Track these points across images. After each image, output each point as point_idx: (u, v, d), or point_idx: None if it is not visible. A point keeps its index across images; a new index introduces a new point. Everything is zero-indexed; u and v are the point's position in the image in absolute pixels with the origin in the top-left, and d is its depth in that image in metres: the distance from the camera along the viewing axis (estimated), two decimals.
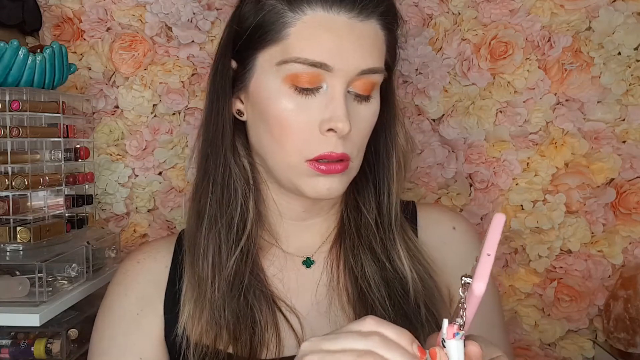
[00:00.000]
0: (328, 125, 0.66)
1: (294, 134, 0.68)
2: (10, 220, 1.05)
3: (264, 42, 0.70)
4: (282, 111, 0.68)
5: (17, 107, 1.05)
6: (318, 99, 0.68)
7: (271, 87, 0.69)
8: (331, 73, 0.67)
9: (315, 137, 0.68)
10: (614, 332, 1.22)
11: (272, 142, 0.70)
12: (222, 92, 0.75)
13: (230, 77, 0.75)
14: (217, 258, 0.74)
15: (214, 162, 0.75)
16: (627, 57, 1.26)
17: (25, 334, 1.05)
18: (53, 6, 1.33)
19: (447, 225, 0.82)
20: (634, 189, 1.27)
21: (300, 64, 0.67)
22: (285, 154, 0.70)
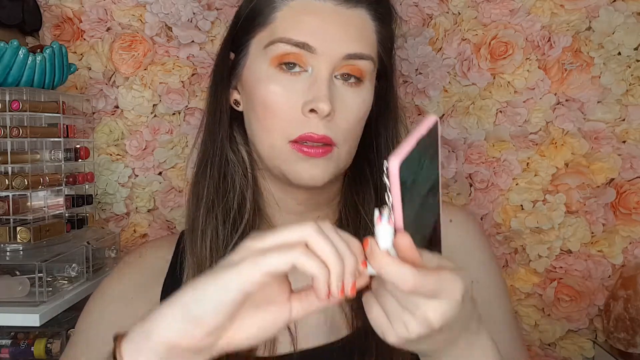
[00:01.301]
0: (309, 106, 0.66)
1: (277, 115, 0.68)
2: (10, 220, 1.05)
3: (255, 28, 0.72)
4: (267, 93, 0.69)
5: (17, 107, 1.05)
6: (302, 82, 0.68)
7: (259, 71, 0.70)
8: (315, 55, 0.67)
9: (298, 118, 0.68)
10: (614, 332, 1.22)
11: (259, 126, 0.71)
12: (220, 83, 0.76)
13: (228, 68, 0.76)
14: (215, 242, 0.74)
15: (212, 150, 0.76)
16: (627, 57, 1.26)
17: (25, 334, 1.05)
18: (53, 6, 1.33)
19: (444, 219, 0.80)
20: (634, 189, 1.27)
21: (284, 43, 0.68)
22: (269, 135, 0.70)
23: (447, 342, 0.52)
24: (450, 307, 0.48)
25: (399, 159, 0.45)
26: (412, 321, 0.48)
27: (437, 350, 0.53)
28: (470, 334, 0.54)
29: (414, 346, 0.52)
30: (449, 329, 0.50)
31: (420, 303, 0.48)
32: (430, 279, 0.47)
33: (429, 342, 0.51)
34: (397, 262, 0.47)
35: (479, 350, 0.55)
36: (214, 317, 0.47)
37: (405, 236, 0.47)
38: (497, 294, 0.77)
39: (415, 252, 0.48)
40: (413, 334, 0.48)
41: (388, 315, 0.50)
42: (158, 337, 0.49)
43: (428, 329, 0.48)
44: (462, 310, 0.49)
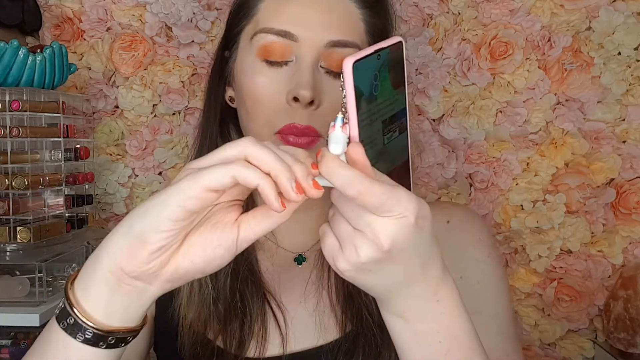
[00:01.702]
0: (292, 94, 0.66)
1: (263, 105, 0.68)
2: (10, 220, 1.05)
3: (242, 21, 0.72)
4: (254, 85, 0.69)
5: (17, 107, 1.05)
6: (287, 71, 0.68)
7: (246, 63, 0.71)
8: (298, 43, 0.67)
9: (282, 108, 0.67)
10: (614, 332, 1.22)
11: (248, 118, 0.71)
12: (215, 80, 0.77)
13: (222, 66, 0.77)
14: None
15: (207, 148, 0.76)
16: (627, 57, 1.26)
17: (25, 334, 1.05)
18: (53, 6, 1.33)
19: (441, 221, 0.77)
20: (634, 189, 1.27)
21: (266, 33, 0.68)
22: (256, 127, 0.70)
23: (401, 280, 0.49)
24: (401, 227, 0.45)
25: (353, 59, 0.45)
26: (361, 241, 0.46)
27: (391, 290, 0.50)
28: (431, 279, 0.50)
29: (366, 279, 0.49)
30: (401, 257, 0.47)
31: (371, 221, 0.45)
32: (379, 189, 0.45)
33: (380, 273, 0.48)
34: (345, 166, 0.45)
35: (442, 304, 0.51)
36: (155, 234, 0.46)
37: (358, 146, 0.46)
38: (488, 289, 0.74)
39: (368, 164, 0.46)
40: (362, 256, 0.46)
41: (340, 240, 0.48)
42: (106, 262, 0.48)
43: (377, 249, 0.46)
44: (416, 237, 0.46)
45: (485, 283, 0.74)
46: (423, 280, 0.50)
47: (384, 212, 0.45)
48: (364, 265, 0.47)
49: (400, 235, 0.46)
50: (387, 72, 0.49)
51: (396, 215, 0.45)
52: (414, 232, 0.46)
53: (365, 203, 0.45)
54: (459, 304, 0.52)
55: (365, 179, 0.44)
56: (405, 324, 0.52)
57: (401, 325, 0.52)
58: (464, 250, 0.75)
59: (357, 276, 0.48)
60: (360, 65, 0.45)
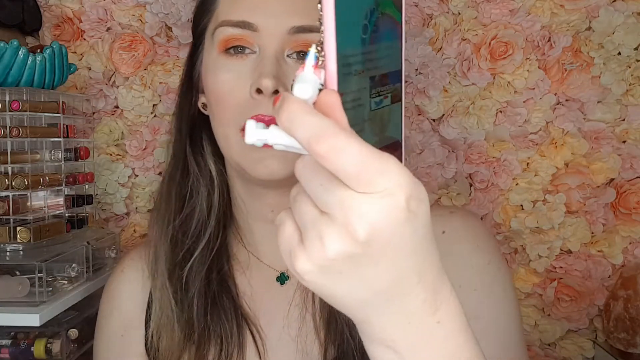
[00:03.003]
0: (255, 86, 0.61)
1: (227, 102, 0.64)
2: (10, 220, 1.05)
3: (204, 19, 0.69)
4: (216, 82, 0.65)
5: (17, 107, 1.05)
6: (250, 64, 0.63)
7: (209, 61, 0.67)
8: (259, 33, 0.63)
9: (246, 102, 0.62)
10: (614, 332, 1.22)
11: (215, 120, 0.66)
12: (185, 86, 0.73)
13: (191, 72, 0.73)
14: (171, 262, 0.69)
15: (175, 160, 0.72)
16: (627, 57, 1.26)
17: (25, 334, 1.05)
18: (53, 6, 1.33)
19: (437, 231, 0.68)
20: (634, 189, 1.27)
21: (225, 26, 0.64)
22: (223, 126, 0.65)
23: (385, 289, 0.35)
24: (385, 209, 0.32)
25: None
26: (329, 228, 0.33)
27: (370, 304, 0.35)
28: (428, 290, 0.36)
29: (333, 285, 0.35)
30: (385, 253, 0.33)
31: (343, 198, 0.32)
32: (358, 149, 0.32)
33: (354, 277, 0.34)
34: (313, 111, 0.33)
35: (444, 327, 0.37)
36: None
37: (332, 93, 0.33)
38: (490, 296, 0.67)
39: (344, 119, 0.33)
40: (329, 248, 0.33)
41: (302, 228, 0.35)
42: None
43: (351, 240, 0.33)
44: (406, 226, 0.33)
45: (485, 290, 0.67)
46: (417, 292, 0.36)
47: (362, 185, 0.32)
48: (333, 263, 0.33)
49: (384, 222, 0.32)
50: (379, 11, 0.36)
51: (380, 191, 0.32)
52: (403, 218, 0.33)
53: (338, 167, 0.32)
54: (465, 325, 0.39)
55: (340, 132, 0.32)
56: (396, 357, 0.38)
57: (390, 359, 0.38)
58: (460, 258, 0.69)
59: (322, 280, 0.35)
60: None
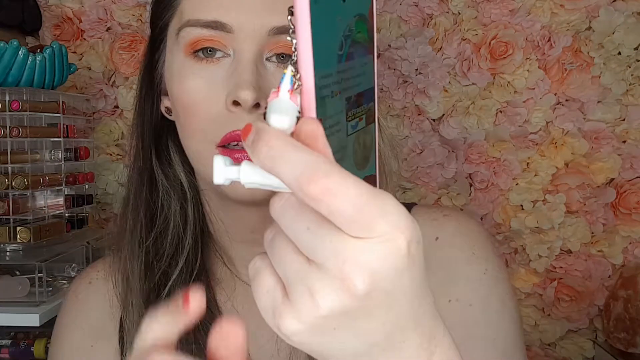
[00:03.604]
0: (231, 97, 0.52)
1: (197, 113, 0.54)
2: (10, 220, 1.05)
3: (165, 14, 0.59)
4: (184, 89, 0.55)
5: (17, 107, 1.05)
6: (223, 70, 0.54)
7: (173, 64, 0.57)
8: (234, 35, 0.53)
9: (221, 116, 0.53)
10: (614, 332, 1.22)
11: (183, 130, 0.57)
12: (145, 89, 0.64)
13: (152, 72, 0.64)
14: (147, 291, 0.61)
15: (140, 173, 0.63)
16: (627, 57, 1.26)
17: (25, 334, 1.05)
18: (53, 6, 1.33)
19: (430, 238, 0.64)
20: (634, 189, 1.27)
21: (192, 27, 0.54)
22: (194, 141, 0.56)
23: (380, 342, 0.31)
24: (387, 257, 0.28)
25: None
26: (321, 282, 0.28)
27: (363, 356, 0.31)
28: (424, 335, 0.32)
29: (324, 343, 0.30)
30: (383, 305, 0.29)
31: (338, 246, 0.28)
32: (356, 189, 0.28)
33: (348, 332, 0.30)
34: (300, 146, 0.28)
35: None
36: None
37: (315, 122, 0.29)
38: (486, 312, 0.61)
39: (329, 152, 0.29)
40: (322, 305, 0.28)
41: (286, 282, 0.30)
42: None
43: (348, 295, 0.28)
44: (407, 273, 0.29)
45: (480, 305, 0.61)
46: (413, 338, 0.32)
47: (360, 229, 0.28)
48: (325, 321, 0.29)
49: (384, 270, 0.28)
50: (352, 26, 0.33)
51: (380, 236, 0.28)
52: (404, 265, 0.29)
53: (334, 210, 0.27)
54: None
55: (333, 169, 0.28)
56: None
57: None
58: (455, 268, 0.63)
59: (313, 339, 0.30)
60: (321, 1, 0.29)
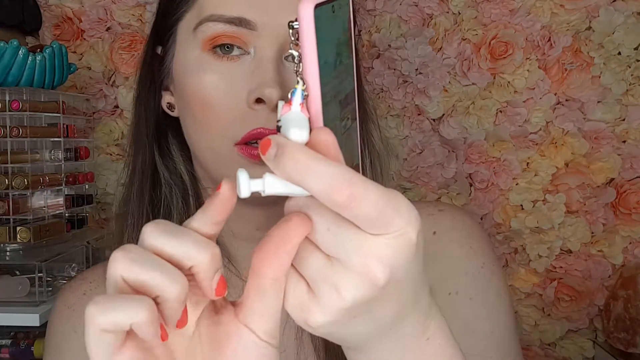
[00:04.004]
0: (255, 95, 0.52)
1: (216, 110, 0.54)
2: (10, 220, 1.05)
3: (180, 8, 0.58)
4: (202, 85, 0.55)
5: (17, 107, 1.05)
6: (244, 67, 0.54)
7: (189, 59, 0.57)
8: (256, 32, 0.53)
9: (243, 113, 0.53)
10: (614, 332, 1.22)
11: (196, 127, 0.57)
12: (146, 85, 0.63)
13: (155, 66, 0.63)
14: None
15: (141, 171, 0.62)
16: (627, 57, 1.26)
17: (25, 334, 1.05)
18: (53, 6, 1.33)
19: (427, 232, 0.65)
20: (634, 189, 1.27)
21: (214, 22, 0.54)
22: (209, 138, 0.55)
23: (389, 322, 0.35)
24: (402, 250, 0.32)
25: (312, 2, 0.30)
26: (345, 278, 0.32)
27: (374, 336, 0.36)
28: (421, 313, 0.37)
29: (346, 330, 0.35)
30: (395, 291, 0.33)
31: (360, 243, 0.31)
32: (375, 192, 0.31)
33: (365, 318, 0.34)
34: (324, 159, 0.31)
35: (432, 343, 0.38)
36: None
37: (327, 131, 0.32)
38: (485, 306, 0.64)
39: (341, 159, 0.32)
40: (348, 297, 0.32)
41: (310, 280, 0.33)
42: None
43: (371, 286, 0.32)
44: (416, 261, 0.33)
45: (479, 298, 0.64)
46: (413, 316, 0.37)
47: (380, 227, 0.31)
48: (349, 311, 0.33)
49: (401, 262, 0.32)
50: (340, 33, 0.35)
51: (396, 232, 0.32)
52: (414, 254, 0.33)
53: (359, 214, 0.31)
54: (450, 338, 0.40)
55: (357, 177, 0.31)
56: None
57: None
58: (454, 263, 0.65)
59: (336, 328, 0.34)
60: (321, 14, 0.31)
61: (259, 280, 0.34)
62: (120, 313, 0.32)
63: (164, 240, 0.34)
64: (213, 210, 0.35)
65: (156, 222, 0.35)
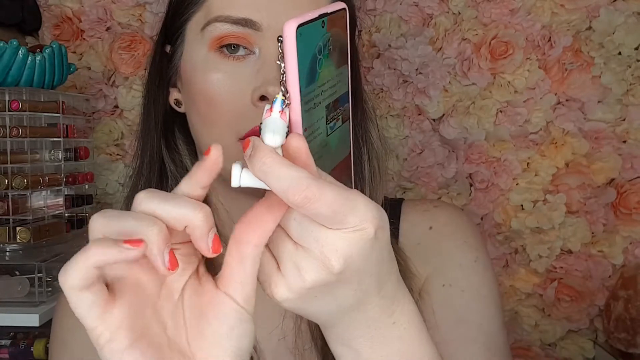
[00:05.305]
0: (259, 92, 0.55)
1: (222, 107, 0.57)
2: (10, 220, 1.05)
3: (189, 9, 0.61)
4: (208, 82, 0.58)
5: (17, 107, 1.05)
6: (249, 66, 0.57)
7: (197, 58, 0.60)
8: (262, 33, 0.56)
9: (247, 109, 0.56)
10: (614, 332, 1.22)
11: (201, 123, 0.60)
12: (154, 82, 0.66)
13: (163, 64, 0.66)
14: None
15: (149, 164, 0.65)
16: (628, 57, 1.26)
17: (25, 334, 1.05)
18: (53, 6, 1.33)
19: (424, 227, 0.69)
20: (634, 189, 1.27)
21: (222, 22, 0.57)
22: (214, 132, 0.58)
23: (352, 304, 0.40)
24: (357, 243, 0.37)
25: (296, 22, 0.35)
26: (307, 262, 0.37)
27: (338, 315, 0.41)
28: (387, 298, 0.42)
29: (309, 307, 0.40)
30: (355, 277, 0.38)
31: (319, 235, 0.37)
32: (331, 194, 0.36)
33: (327, 298, 0.39)
34: (287, 163, 0.36)
35: (398, 327, 0.43)
36: None
37: (299, 138, 0.37)
38: (477, 298, 0.66)
39: (311, 162, 0.37)
40: (308, 279, 0.37)
41: (278, 260, 0.39)
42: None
43: (327, 272, 0.37)
44: (373, 253, 0.38)
45: (472, 291, 0.66)
46: (378, 301, 0.41)
47: (336, 223, 0.36)
48: (309, 291, 0.38)
49: (355, 253, 0.37)
50: (330, 45, 0.40)
51: (351, 227, 0.37)
52: (371, 247, 0.37)
53: (314, 213, 0.36)
54: (418, 323, 0.44)
55: (314, 182, 0.35)
56: (355, 356, 0.43)
57: (350, 357, 0.43)
58: (448, 256, 0.67)
59: (299, 304, 0.39)
60: (304, 32, 0.36)
61: (241, 247, 0.38)
62: (129, 225, 0.36)
63: (157, 204, 0.37)
64: (201, 174, 0.39)
65: (148, 190, 0.38)
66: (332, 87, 0.41)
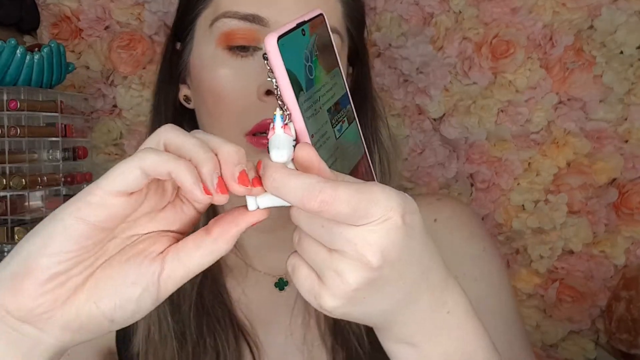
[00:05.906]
0: (265, 87, 0.56)
1: (228, 102, 0.58)
2: (8, 221, 1.04)
3: (198, 6, 0.63)
4: (216, 79, 0.59)
5: (15, 107, 1.04)
6: (256, 62, 0.58)
7: (205, 54, 0.61)
8: (269, 29, 0.57)
9: (253, 105, 0.57)
10: (616, 333, 1.21)
11: (209, 119, 0.61)
12: (165, 78, 0.67)
13: (173, 60, 0.67)
14: None
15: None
16: (630, 56, 1.25)
17: None
18: (51, 5, 1.32)
19: (428, 220, 0.68)
20: (636, 189, 1.27)
21: (229, 18, 0.58)
22: (221, 128, 0.59)
23: (402, 298, 0.40)
24: (387, 233, 0.36)
25: (275, 34, 0.36)
26: (344, 264, 0.36)
27: (392, 313, 0.40)
28: (436, 287, 0.41)
29: (360, 310, 0.39)
30: (397, 269, 0.37)
31: (348, 235, 0.36)
32: (346, 192, 0.35)
33: (376, 297, 0.38)
34: (295, 173, 0.36)
35: (454, 316, 0.42)
36: (44, 258, 0.37)
37: (306, 146, 0.37)
38: (490, 286, 0.67)
39: (324, 166, 0.37)
40: (351, 281, 0.36)
41: (317, 270, 0.38)
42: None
43: (367, 269, 0.36)
44: (408, 239, 0.37)
45: (485, 279, 0.67)
46: (427, 291, 0.41)
47: (360, 219, 0.36)
48: (356, 293, 0.37)
49: (389, 243, 0.36)
50: (316, 51, 0.41)
51: (377, 219, 0.36)
52: (404, 234, 0.37)
53: (335, 214, 0.35)
54: (471, 310, 0.44)
55: (325, 184, 0.35)
56: (415, 351, 0.42)
57: (410, 354, 0.42)
58: (457, 248, 0.68)
59: (351, 309, 0.38)
60: (286, 42, 0.37)
61: (203, 233, 0.39)
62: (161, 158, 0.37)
63: (187, 136, 0.38)
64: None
65: (168, 126, 0.39)
66: (329, 91, 0.42)
